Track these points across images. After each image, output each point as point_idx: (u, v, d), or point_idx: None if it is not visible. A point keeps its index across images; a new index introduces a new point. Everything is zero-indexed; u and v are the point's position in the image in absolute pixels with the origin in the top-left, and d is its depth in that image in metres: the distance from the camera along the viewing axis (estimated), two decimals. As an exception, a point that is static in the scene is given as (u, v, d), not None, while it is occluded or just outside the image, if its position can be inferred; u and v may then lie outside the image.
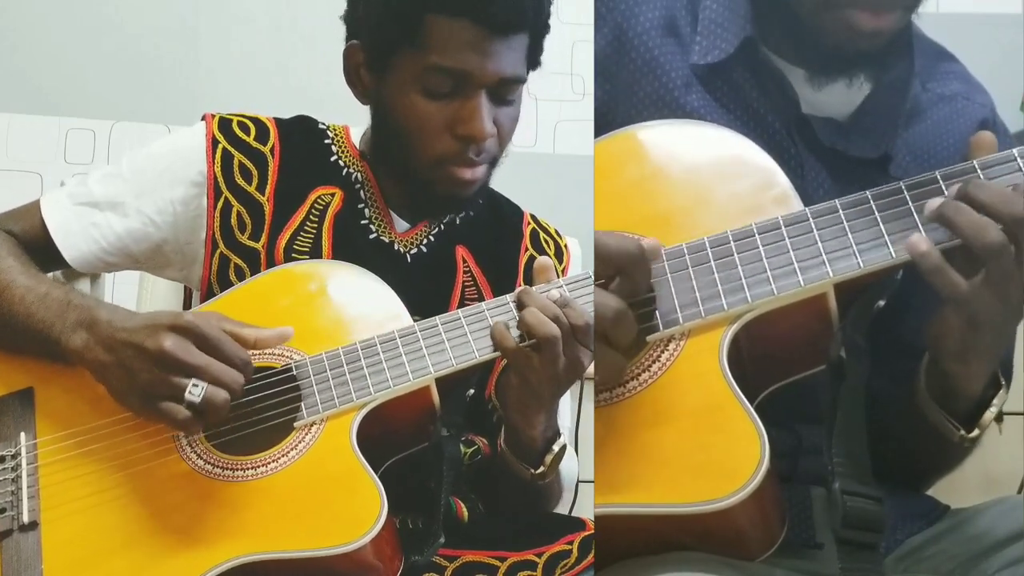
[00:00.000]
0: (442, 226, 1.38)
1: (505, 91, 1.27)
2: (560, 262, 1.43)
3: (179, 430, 1.14)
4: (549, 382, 1.16)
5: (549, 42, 1.33)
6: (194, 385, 1.09)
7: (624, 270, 1.04)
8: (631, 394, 1.06)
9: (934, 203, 1.01)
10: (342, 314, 1.23)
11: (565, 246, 1.46)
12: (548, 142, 2.49)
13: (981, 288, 0.99)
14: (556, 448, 1.23)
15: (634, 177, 1.14)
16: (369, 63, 1.31)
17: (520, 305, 1.16)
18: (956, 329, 1.02)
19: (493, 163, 1.32)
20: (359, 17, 1.31)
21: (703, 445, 1.02)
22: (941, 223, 1.00)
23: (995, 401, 1.08)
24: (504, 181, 1.41)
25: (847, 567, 1.00)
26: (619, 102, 1.22)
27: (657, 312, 1.08)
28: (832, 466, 1.02)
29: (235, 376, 1.11)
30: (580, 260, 1.47)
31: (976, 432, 1.08)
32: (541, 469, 1.22)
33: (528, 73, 1.31)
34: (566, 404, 1.43)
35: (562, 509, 1.41)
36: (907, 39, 1.20)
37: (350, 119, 1.40)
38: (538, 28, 1.29)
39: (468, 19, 1.22)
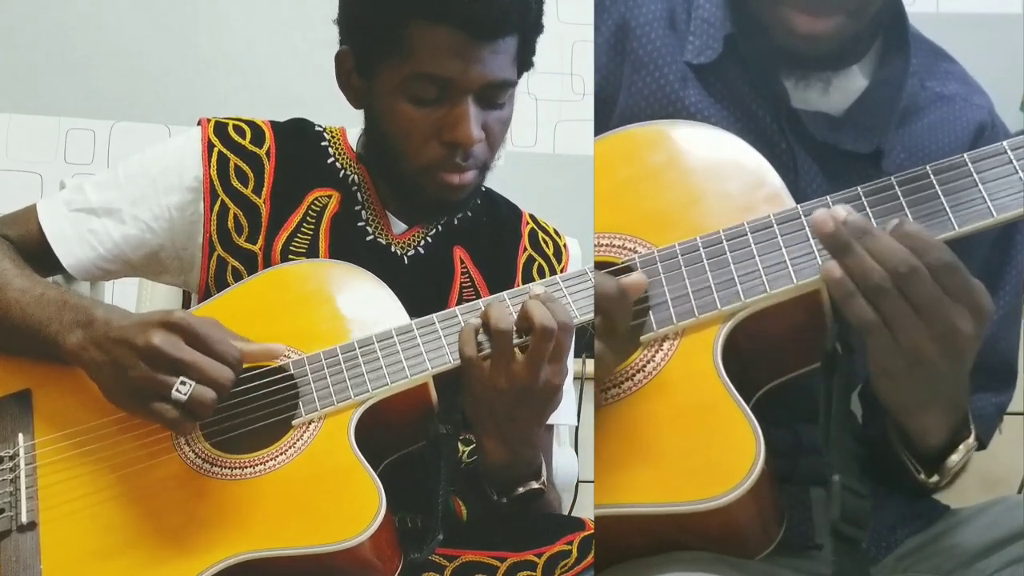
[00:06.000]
0: (439, 227, 1.38)
1: (494, 95, 1.26)
2: (559, 262, 1.43)
3: (170, 429, 1.14)
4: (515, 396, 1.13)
5: (549, 42, 1.33)
6: (181, 383, 1.09)
7: (602, 309, 1.04)
8: (626, 394, 1.06)
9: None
10: (339, 313, 1.23)
11: (564, 245, 1.45)
12: (548, 142, 2.49)
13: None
14: (525, 488, 1.20)
15: (629, 177, 1.14)
16: (358, 69, 1.31)
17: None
18: (897, 380, 1.02)
19: (484, 168, 1.31)
20: (347, 22, 1.31)
21: (698, 444, 1.02)
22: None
23: (960, 447, 1.07)
24: (504, 181, 1.41)
25: (840, 563, 1.00)
26: (618, 94, 1.22)
27: (651, 311, 1.08)
28: (830, 459, 1.02)
29: (224, 372, 1.10)
30: (580, 260, 1.47)
31: (936, 479, 1.08)
32: (503, 500, 1.21)
33: (521, 74, 1.29)
34: (571, 402, 1.42)
35: (562, 509, 1.41)
36: (902, 35, 1.20)
37: (350, 121, 1.39)
38: (528, 29, 1.27)
39: (450, 25, 1.21)
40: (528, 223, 1.44)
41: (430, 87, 1.24)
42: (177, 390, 1.09)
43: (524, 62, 1.29)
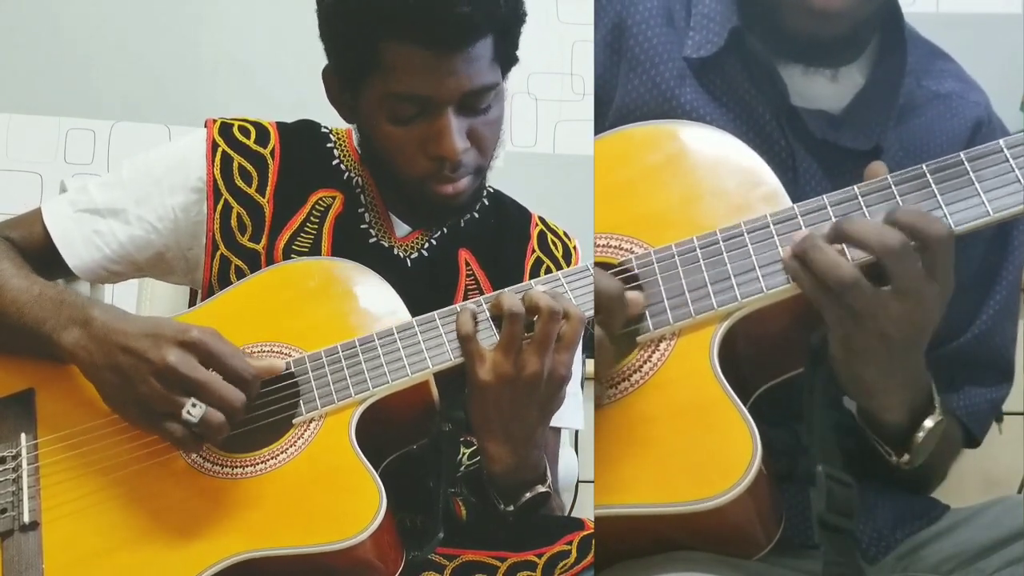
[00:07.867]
0: (444, 230, 1.37)
1: (475, 102, 1.24)
2: (568, 264, 1.42)
3: (177, 448, 1.14)
4: (519, 397, 1.13)
5: (549, 42, 1.32)
6: (193, 405, 1.09)
7: (603, 306, 1.05)
8: (623, 395, 1.06)
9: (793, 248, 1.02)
10: (340, 310, 1.23)
11: (574, 247, 1.45)
12: (548, 142, 2.49)
13: (887, 300, 0.99)
14: (532, 493, 1.20)
15: (627, 178, 1.14)
16: (343, 85, 1.30)
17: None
18: (860, 357, 1.03)
19: (479, 172, 1.29)
20: (326, 40, 1.29)
21: (695, 444, 1.02)
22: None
23: (926, 423, 1.07)
24: (504, 181, 1.41)
25: (830, 554, 1.00)
26: (615, 94, 1.22)
27: (647, 312, 1.08)
28: (813, 450, 1.02)
29: (236, 394, 1.10)
30: (586, 262, 1.47)
31: (907, 457, 1.07)
32: (511, 508, 1.20)
33: (507, 71, 1.27)
34: (579, 406, 1.42)
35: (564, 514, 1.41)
36: (898, 34, 1.21)
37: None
38: (502, 26, 1.24)
39: (414, 43, 1.19)
40: (537, 225, 1.43)
41: (408, 105, 1.23)
42: (187, 412, 1.09)
43: (507, 58, 1.27)
